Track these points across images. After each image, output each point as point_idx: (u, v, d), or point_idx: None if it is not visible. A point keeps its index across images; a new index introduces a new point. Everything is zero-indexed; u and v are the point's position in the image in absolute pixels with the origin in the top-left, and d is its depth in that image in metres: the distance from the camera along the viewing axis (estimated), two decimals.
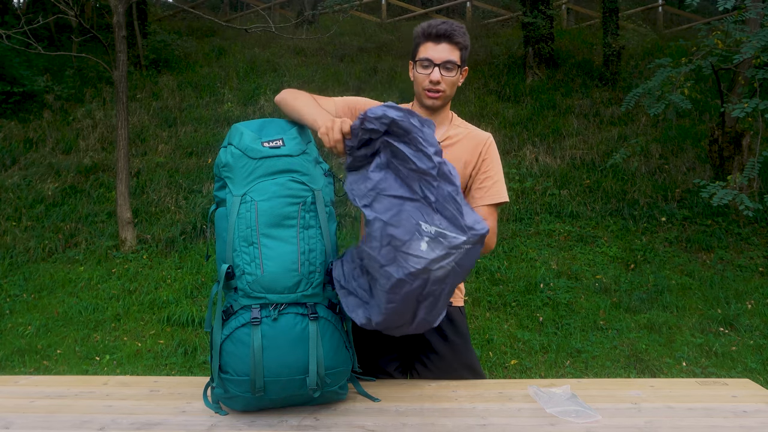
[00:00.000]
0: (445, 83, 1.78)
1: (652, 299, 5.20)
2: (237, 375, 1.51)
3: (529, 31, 10.52)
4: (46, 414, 1.58)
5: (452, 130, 1.88)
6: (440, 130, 1.86)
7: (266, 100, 9.60)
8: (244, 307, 1.53)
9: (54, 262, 5.96)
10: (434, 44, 1.77)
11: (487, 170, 1.84)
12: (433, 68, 1.77)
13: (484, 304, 5.19)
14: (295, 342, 1.52)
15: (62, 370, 4.18)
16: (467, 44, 1.81)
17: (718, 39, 6.32)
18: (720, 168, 6.98)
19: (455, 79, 1.81)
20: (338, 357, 1.57)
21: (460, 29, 1.79)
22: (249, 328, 1.51)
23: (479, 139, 1.86)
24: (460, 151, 1.84)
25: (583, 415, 1.55)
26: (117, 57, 6.19)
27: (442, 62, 1.76)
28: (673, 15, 15.33)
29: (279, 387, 1.52)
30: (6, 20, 10.14)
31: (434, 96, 1.80)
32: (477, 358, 1.98)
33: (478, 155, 1.84)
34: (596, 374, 4.11)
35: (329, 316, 1.57)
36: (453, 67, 1.77)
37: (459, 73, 1.81)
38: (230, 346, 1.52)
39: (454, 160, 1.81)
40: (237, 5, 17.84)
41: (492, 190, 1.84)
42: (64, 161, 7.85)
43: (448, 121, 1.90)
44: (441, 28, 1.76)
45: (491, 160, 1.86)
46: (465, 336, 1.93)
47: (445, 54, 1.76)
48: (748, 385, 1.82)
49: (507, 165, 7.85)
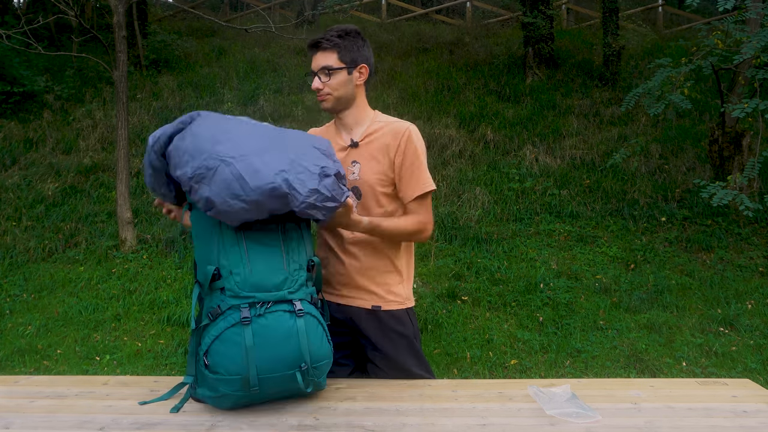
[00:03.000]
0: (328, 87, 1.86)
1: (652, 299, 5.20)
2: (228, 374, 1.52)
3: (529, 31, 10.52)
4: (46, 414, 1.58)
5: (373, 126, 1.92)
6: (358, 130, 1.93)
7: (266, 100, 9.60)
8: (232, 308, 1.54)
9: (54, 262, 5.95)
10: (312, 54, 1.89)
11: (409, 163, 1.86)
12: (313, 77, 1.88)
13: (484, 304, 5.19)
14: (284, 338, 1.55)
15: (62, 370, 4.18)
16: (346, 45, 1.86)
17: (718, 39, 6.32)
18: (720, 168, 6.98)
19: (340, 81, 1.87)
20: (323, 350, 1.63)
21: (333, 33, 1.85)
22: (239, 327, 1.53)
23: (399, 130, 1.88)
24: (379, 146, 1.88)
25: (583, 415, 1.56)
26: (117, 57, 6.19)
27: (318, 69, 1.86)
28: (673, 15, 15.33)
29: (271, 383, 1.55)
30: (6, 20, 10.13)
31: (321, 99, 1.90)
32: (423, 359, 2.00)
33: (396, 146, 1.86)
34: (596, 374, 4.11)
35: (313, 311, 1.62)
36: (331, 72, 1.85)
37: (348, 73, 1.87)
38: (220, 346, 1.54)
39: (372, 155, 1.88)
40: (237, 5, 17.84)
41: (419, 182, 1.86)
42: (64, 161, 7.85)
43: (368, 120, 1.94)
44: (313, 40, 1.88)
45: (411, 149, 1.86)
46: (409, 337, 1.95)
47: (319, 61, 1.86)
48: (748, 385, 1.82)
49: (507, 165, 7.86)
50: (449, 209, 6.93)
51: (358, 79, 1.89)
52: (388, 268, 1.92)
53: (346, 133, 1.94)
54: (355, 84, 1.89)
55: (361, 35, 1.89)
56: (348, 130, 1.94)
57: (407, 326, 1.95)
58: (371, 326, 1.91)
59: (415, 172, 1.86)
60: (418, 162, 1.86)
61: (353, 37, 1.87)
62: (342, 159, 1.88)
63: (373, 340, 1.91)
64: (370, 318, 1.91)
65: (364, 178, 1.87)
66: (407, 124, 1.90)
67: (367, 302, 1.91)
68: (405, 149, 1.86)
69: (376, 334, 1.91)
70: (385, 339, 1.91)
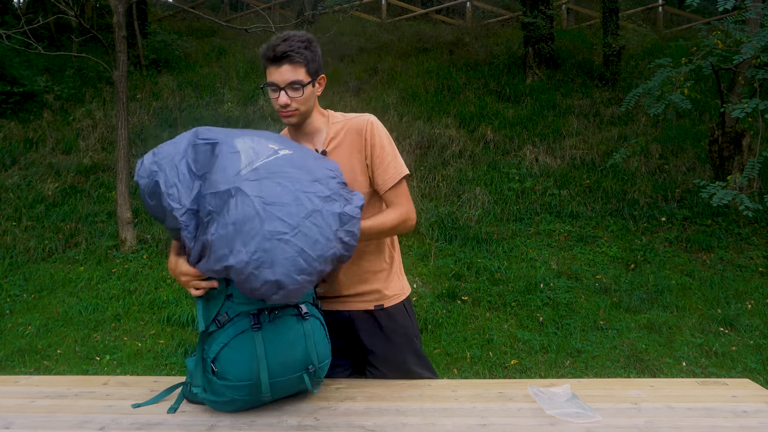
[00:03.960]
0: (296, 102, 1.76)
1: (652, 299, 5.20)
2: (238, 381, 1.52)
3: (529, 31, 10.52)
4: (46, 414, 1.58)
5: (332, 129, 1.85)
6: (320, 137, 1.85)
7: (266, 100, 9.59)
8: (241, 314, 1.54)
9: (54, 262, 5.95)
10: (276, 67, 1.73)
11: (380, 154, 1.82)
12: (279, 92, 1.74)
13: (484, 304, 5.19)
14: (293, 343, 1.56)
15: (62, 370, 4.18)
16: (312, 56, 1.76)
17: (718, 39, 6.32)
18: (720, 168, 6.98)
19: (308, 95, 1.77)
20: (326, 350, 1.66)
21: (298, 44, 1.73)
22: (249, 334, 1.53)
23: (360, 125, 1.83)
24: (347, 149, 1.83)
25: (583, 415, 1.55)
26: (117, 57, 6.19)
27: (286, 84, 1.73)
28: (673, 15, 15.33)
29: (280, 387, 1.56)
30: (6, 20, 10.13)
31: (288, 115, 1.78)
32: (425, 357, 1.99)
33: (364, 143, 1.82)
34: (596, 374, 4.11)
35: (316, 313, 1.65)
36: (299, 86, 1.74)
37: (312, 85, 1.78)
38: (229, 353, 1.53)
39: (344, 161, 1.80)
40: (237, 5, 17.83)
41: (389, 172, 1.82)
42: (64, 161, 7.85)
43: (325, 123, 1.87)
44: (279, 50, 1.72)
45: (378, 141, 1.82)
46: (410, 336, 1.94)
47: (288, 75, 1.73)
48: (748, 385, 1.82)
49: (507, 165, 7.86)
50: (449, 209, 6.93)
51: (318, 90, 1.82)
52: (382, 266, 1.91)
53: (308, 143, 1.86)
54: (315, 95, 1.82)
55: (315, 40, 1.80)
56: (309, 138, 1.86)
57: (407, 324, 1.95)
58: (371, 330, 1.90)
59: (384, 160, 1.82)
60: (385, 151, 1.82)
61: (314, 46, 1.78)
62: None
63: (373, 344, 1.90)
64: (370, 320, 1.90)
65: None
66: (366, 116, 1.85)
67: (368, 303, 1.90)
68: (371, 142, 1.81)
69: (375, 338, 1.90)
70: (386, 341, 1.90)
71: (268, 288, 1.44)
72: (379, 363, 1.90)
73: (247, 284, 1.45)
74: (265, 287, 1.44)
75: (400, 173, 1.83)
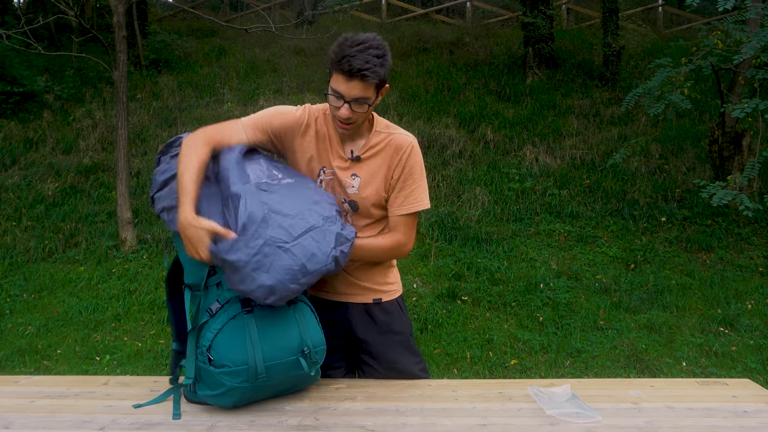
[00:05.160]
0: (357, 116, 1.70)
1: (652, 299, 5.20)
2: (235, 365, 1.54)
3: (529, 31, 10.52)
4: (46, 414, 1.58)
5: (374, 138, 1.80)
6: (360, 142, 1.80)
7: (266, 100, 9.59)
8: (231, 300, 1.59)
9: (54, 262, 5.95)
10: (346, 79, 1.63)
11: (407, 178, 1.79)
12: (343, 104, 1.66)
13: (484, 304, 5.19)
14: (284, 325, 1.61)
15: (62, 370, 4.18)
16: (384, 72, 1.67)
17: (718, 39, 6.32)
18: (720, 168, 6.98)
19: (371, 108, 1.72)
20: (318, 335, 1.68)
21: (375, 60, 1.63)
22: (241, 318, 1.57)
23: (400, 146, 1.79)
24: (380, 161, 1.79)
25: (583, 415, 1.56)
26: (117, 57, 6.19)
27: (353, 99, 1.65)
28: (673, 15, 15.33)
29: (277, 370, 1.58)
30: (6, 20, 10.14)
31: (344, 128, 1.73)
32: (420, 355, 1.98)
33: (398, 161, 1.78)
34: (596, 374, 4.11)
35: (304, 299, 1.69)
36: (365, 103, 1.67)
37: (377, 98, 1.72)
38: (223, 338, 1.56)
39: (373, 171, 1.79)
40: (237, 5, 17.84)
41: (410, 199, 1.80)
42: (64, 161, 7.85)
43: (369, 130, 1.81)
44: (355, 65, 1.60)
45: (412, 166, 1.79)
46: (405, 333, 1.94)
47: (357, 91, 1.64)
48: (748, 385, 1.82)
49: (507, 165, 7.86)
50: (449, 209, 6.93)
51: (377, 101, 1.74)
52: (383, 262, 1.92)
53: (346, 143, 1.81)
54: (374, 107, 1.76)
55: (388, 47, 1.70)
56: (349, 140, 1.81)
57: (403, 321, 1.95)
58: (365, 323, 1.90)
59: (410, 186, 1.79)
60: (413, 177, 1.79)
61: (387, 58, 1.68)
62: (341, 170, 1.80)
63: (367, 337, 1.89)
64: (365, 314, 1.90)
65: (363, 194, 1.80)
66: (409, 138, 1.81)
67: (367, 297, 1.90)
68: (405, 164, 1.78)
69: (369, 332, 1.89)
70: (379, 335, 1.90)
71: (262, 292, 1.51)
72: (373, 358, 1.90)
73: (242, 285, 1.52)
74: (260, 290, 1.51)
75: (419, 205, 1.81)
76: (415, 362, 1.95)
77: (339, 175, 1.80)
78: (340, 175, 1.80)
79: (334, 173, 1.81)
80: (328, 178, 1.81)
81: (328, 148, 1.81)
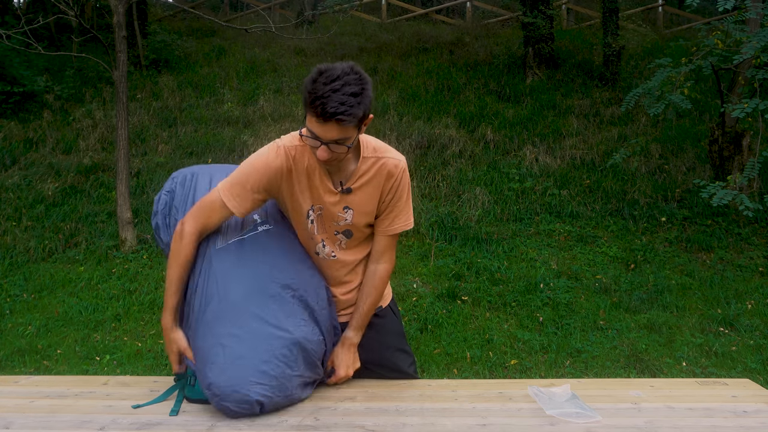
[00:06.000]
0: (337, 154, 1.60)
1: (652, 299, 5.20)
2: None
3: (529, 31, 10.52)
4: (46, 414, 1.58)
5: (363, 165, 1.73)
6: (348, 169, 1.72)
7: (266, 100, 9.60)
8: None
9: (54, 262, 5.95)
10: (321, 122, 1.52)
11: (398, 201, 1.79)
12: (321, 145, 1.56)
13: (484, 304, 5.19)
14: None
15: (62, 370, 4.18)
16: (364, 110, 1.55)
17: (718, 39, 6.32)
18: (720, 168, 6.98)
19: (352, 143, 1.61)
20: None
21: (351, 103, 1.49)
22: None
23: (391, 173, 1.74)
24: (372, 189, 1.75)
25: (583, 415, 1.56)
26: (117, 57, 6.19)
27: (329, 141, 1.55)
28: (673, 15, 15.33)
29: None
30: (6, 20, 10.14)
31: (327, 164, 1.65)
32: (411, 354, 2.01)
33: (390, 188, 1.76)
34: (596, 374, 4.11)
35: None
36: (343, 143, 1.57)
37: (358, 131, 1.61)
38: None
39: (365, 201, 1.75)
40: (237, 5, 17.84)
41: (398, 220, 1.81)
42: (64, 161, 7.84)
43: (356, 156, 1.73)
44: (329, 109, 1.48)
45: (402, 189, 1.78)
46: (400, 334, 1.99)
47: (333, 134, 1.53)
48: (748, 385, 1.82)
49: (507, 165, 7.86)
50: (449, 209, 6.93)
51: (362, 131, 1.65)
52: None
53: (334, 174, 1.73)
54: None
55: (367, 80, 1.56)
56: (336, 170, 1.72)
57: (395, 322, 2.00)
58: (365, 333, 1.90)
59: (401, 209, 1.80)
60: (402, 200, 1.79)
61: (367, 93, 1.55)
62: (332, 205, 1.74)
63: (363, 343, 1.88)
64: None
65: (357, 223, 1.78)
66: (399, 160, 1.76)
67: None
68: (397, 189, 1.77)
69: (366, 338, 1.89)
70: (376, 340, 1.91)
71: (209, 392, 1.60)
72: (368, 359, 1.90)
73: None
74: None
75: (407, 225, 1.83)
76: (409, 363, 1.98)
77: (331, 210, 1.75)
78: (331, 210, 1.75)
79: (322, 209, 1.76)
80: (317, 214, 1.77)
81: (317, 183, 1.72)
